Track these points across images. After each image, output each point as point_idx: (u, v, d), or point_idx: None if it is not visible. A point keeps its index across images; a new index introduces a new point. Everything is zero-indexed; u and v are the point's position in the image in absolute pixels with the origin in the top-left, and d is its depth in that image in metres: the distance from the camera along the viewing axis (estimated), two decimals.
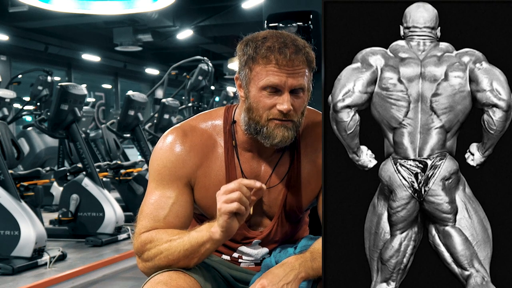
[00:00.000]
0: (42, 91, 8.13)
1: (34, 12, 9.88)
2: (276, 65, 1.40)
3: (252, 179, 1.52)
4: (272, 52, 1.40)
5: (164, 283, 1.38)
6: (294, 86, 1.42)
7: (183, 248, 1.40)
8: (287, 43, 1.41)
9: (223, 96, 11.51)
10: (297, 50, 1.41)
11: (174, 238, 1.41)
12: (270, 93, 1.42)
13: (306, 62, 1.43)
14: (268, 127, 1.44)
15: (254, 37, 1.45)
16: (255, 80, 1.43)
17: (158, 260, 1.43)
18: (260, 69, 1.42)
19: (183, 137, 1.52)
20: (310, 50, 1.45)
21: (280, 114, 1.42)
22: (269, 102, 1.42)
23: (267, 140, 1.45)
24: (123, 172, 6.86)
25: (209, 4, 11.39)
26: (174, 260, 1.41)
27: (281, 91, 1.42)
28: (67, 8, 8.43)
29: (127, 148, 10.61)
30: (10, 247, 4.46)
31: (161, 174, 1.50)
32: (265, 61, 1.41)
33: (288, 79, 1.40)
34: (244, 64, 1.45)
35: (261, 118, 1.44)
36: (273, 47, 1.40)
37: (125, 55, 15.58)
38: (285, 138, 1.44)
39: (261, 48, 1.41)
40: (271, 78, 1.40)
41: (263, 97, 1.43)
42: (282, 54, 1.39)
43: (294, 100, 1.43)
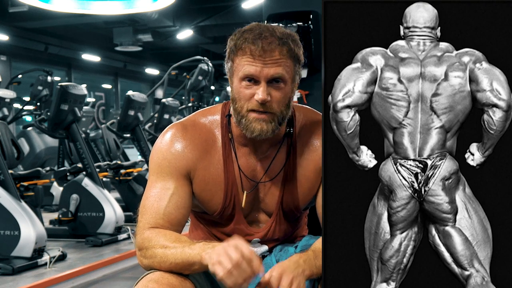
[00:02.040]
0: (42, 91, 8.13)
1: (34, 12, 9.88)
2: (251, 55, 1.43)
3: (249, 173, 1.55)
4: (247, 43, 1.43)
5: (155, 281, 1.40)
6: (271, 75, 1.43)
7: (175, 261, 1.41)
8: (264, 33, 1.44)
9: (223, 96, 11.51)
10: (274, 41, 1.43)
11: (169, 246, 1.42)
12: (249, 84, 1.45)
13: (288, 53, 1.44)
14: (247, 118, 1.46)
15: (238, 31, 1.49)
16: (236, 71, 1.47)
17: (152, 262, 1.45)
18: (239, 60, 1.46)
19: (183, 131, 1.54)
20: (293, 41, 1.46)
21: (257, 105, 1.44)
22: (248, 93, 1.45)
23: (246, 131, 1.47)
24: (123, 172, 6.86)
25: (209, 4, 11.39)
26: (167, 268, 1.43)
27: (259, 81, 1.44)
28: (67, 8, 8.43)
29: (127, 148, 10.60)
30: (10, 247, 4.46)
31: (161, 166, 1.52)
32: (241, 52, 1.45)
33: (263, 69, 1.43)
34: (228, 57, 1.50)
35: (242, 108, 1.47)
36: (248, 38, 1.44)
37: (125, 55, 15.58)
38: (264, 131, 1.46)
39: (239, 40, 1.45)
40: (247, 68, 1.43)
41: (243, 87, 1.46)
42: (255, 45, 1.42)
43: (273, 90, 1.44)
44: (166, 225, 1.48)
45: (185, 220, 1.53)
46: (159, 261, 1.42)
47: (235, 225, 1.58)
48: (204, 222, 1.64)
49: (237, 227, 1.58)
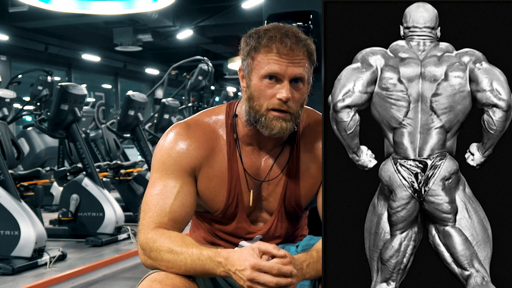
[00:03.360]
0: (42, 91, 8.12)
1: (34, 12, 9.87)
2: (277, 54, 1.44)
3: (252, 172, 1.56)
4: (273, 42, 1.44)
5: (159, 282, 1.40)
6: (295, 74, 1.44)
7: (185, 267, 1.41)
8: (288, 33, 1.45)
9: (223, 96, 11.51)
10: (298, 41, 1.45)
11: (176, 251, 1.41)
12: (271, 83, 1.45)
13: (307, 54, 1.46)
14: (267, 117, 1.47)
15: (257, 30, 1.50)
16: (256, 69, 1.47)
17: (158, 264, 1.44)
18: (261, 58, 1.46)
19: (187, 130, 1.55)
20: (311, 43, 1.49)
21: (279, 104, 1.45)
22: (270, 92, 1.46)
23: (265, 129, 1.48)
24: (123, 172, 6.85)
25: (209, 4, 11.39)
26: (174, 272, 1.43)
27: (281, 80, 1.45)
28: (67, 8, 8.43)
29: (127, 148, 10.60)
30: (10, 247, 4.46)
31: (165, 164, 1.52)
32: (266, 50, 1.45)
33: (288, 68, 1.44)
34: (246, 55, 1.49)
35: (261, 107, 1.47)
36: (274, 37, 1.44)
37: (125, 55, 15.58)
38: (283, 129, 1.47)
39: (263, 38, 1.45)
40: (272, 66, 1.44)
41: (264, 86, 1.46)
42: (283, 43, 1.43)
43: (293, 91, 1.46)
44: (170, 223, 1.48)
45: (189, 219, 1.54)
46: (166, 265, 1.43)
47: (237, 224, 1.58)
48: (206, 221, 1.65)
49: (239, 225, 1.58)
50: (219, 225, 1.62)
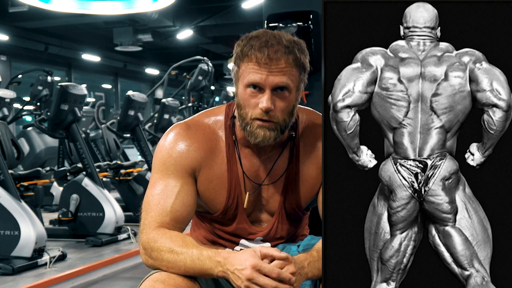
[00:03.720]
0: (42, 91, 8.13)
1: (34, 12, 9.87)
2: (256, 63, 1.43)
3: (251, 174, 1.56)
4: (253, 51, 1.43)
5: (161, 282, 1.40)
6: (276, 83, 1.43)
7: (184, 267, 1.41)
8: (270, 41, 1.43)
9: (223, 96, 11.51)
10: (280, 49, 1.42)
11: (176, 251, 1.41)
12: (254, 92, 1.45)
13: (293, 62, 1.44)
14: (251, 125, 1.47)
15: (245, 36, 1.49)
16: (241, 78, 1.47)
17: (159, 264, 1.45)
18: (244, 67, 1.46)
19: (187, 130, 1.55)
20: (301, 50, 1.46)
21: (261, 114, 1.45)
22: (253, 101, 1.45)
23: (250, 138, 1.48)
24: (123, 172, 6.85)
25: (209, 4, 11.39)
26: (175, 272, 1.43)
27: (264, 89, 1.44)
28: (67, 8, 8.43)
29: (127, 148, 10.60)
30: (10, 247, 4.46)
31: (166, 164, 1.52)
32: (247, 59, 1.45)
33: (268, 77, 1.42)
34: (234, 62, 1.50)
35: (246, 115, 1.47)
36: (254, 46, 1.43)
37: (125, 55, 15.58)
38: (266, 138, 1.46)
39: (245, 47, 1.45)
40: (252, 75, 1.43)
41: (247, 95, 1.46)
42: (261, 53, 1.42)
43: (277, 99, 1.44)
44: (172, 223, 1.48)
45: (190, 218, 1.55)
46: (166, 266, 1.43)
47: (237, 225, 1.58)
48: (206, 221, 1.65)
49: (240, 226, 1.58)
50: (219, 225, 1.62)
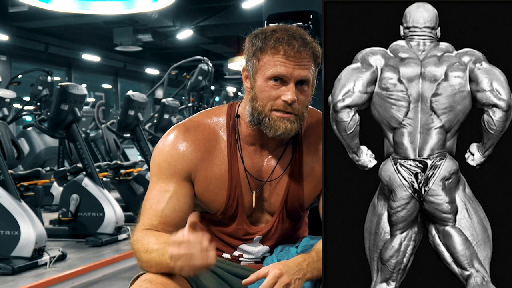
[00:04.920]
0: (42, 91, 8.12)
1: (34, 12, 9.88)
2: (284, 55, 1.43)
3: (254, 172, 1.56)
4: (280, 43, 1.43)
5: (149, 281, 1.42)
6: (301, 77, 1.44)
7: (156, 266, 1.44)
8: (295, 36, 1.45)
9: (223, 96, 11.51)
10: (304, 44, 1.44)
11: (149, 250, 1.44)
12: (276, 85, 1.45)
13: (313, 57, 1.46)
14: (270, 117, 1.46)
15: (263, 30, 1.49)
16: (262, 70, 1.46)
17: (140, 265, 1.48)
18: (268, 59, 1.45)
19: (185, 132, 1.55)
20: (317, 45, 1.48)
21: (284, 106, 1.45)
22: (274, 93, 1.45)
23: (269, 130, 1.47)
24: (123, 172, 6.86)
25: (209, 4, 11.39)
26: (154, 271, 1.45)
27: (287, 82, 1.44)
28: (67, 8, 8.43)
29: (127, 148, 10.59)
30: (10, 247, 4.46)
31: (161, 168, 1.53)
32: (273, 51, 1.44)
33: (294, 70, 1.43)
34: (252, 55, 1.48)
35: (264, 107, 1.46)
36: (281, 39, 1.44)
37: (125, 55, 15.58)
38: (288, 130, 1.46)
39: (270, 39, 1.45)
40: (278, 68, 1.43)
41: (269, 87, 1.45)
42: (291, 46, 1.43)
43: (298, 93, 1.46)
44: (160, 226, 1.49)
45: (183, 222, 1.51)
46: (145, 266, 1.46)
47: (237, 225, 1.58)
48: (206, 222, 1.65)
49: (239, 227, 1.58)
50: (219, 226, 1.61)
